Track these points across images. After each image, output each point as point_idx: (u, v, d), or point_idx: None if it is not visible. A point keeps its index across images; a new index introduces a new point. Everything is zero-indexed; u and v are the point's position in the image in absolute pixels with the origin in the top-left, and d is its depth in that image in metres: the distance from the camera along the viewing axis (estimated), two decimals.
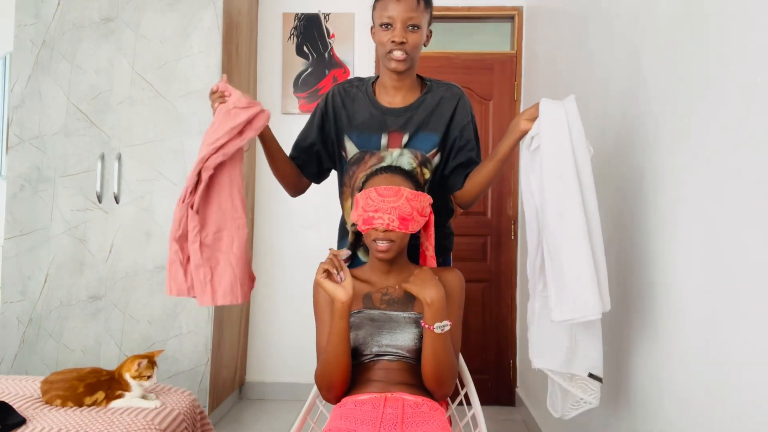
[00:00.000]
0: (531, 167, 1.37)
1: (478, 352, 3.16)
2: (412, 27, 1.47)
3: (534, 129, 1.35)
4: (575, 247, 1.27)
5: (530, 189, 1.38)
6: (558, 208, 1.30)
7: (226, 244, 1.37)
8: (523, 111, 1.43)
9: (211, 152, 1.34)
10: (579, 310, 1.26)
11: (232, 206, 1.38)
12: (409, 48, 1.48)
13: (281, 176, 1.64)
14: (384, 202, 1.34)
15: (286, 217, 3.22)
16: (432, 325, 1.27)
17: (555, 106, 1.33)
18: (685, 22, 1.28)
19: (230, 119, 1.35)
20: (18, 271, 2.58)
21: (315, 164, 1.69)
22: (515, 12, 3.24)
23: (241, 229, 1.39)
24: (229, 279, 1.36)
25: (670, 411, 1.29)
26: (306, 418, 1.51)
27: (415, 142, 1.56)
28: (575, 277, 1.26)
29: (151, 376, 1.69)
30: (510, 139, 1.42)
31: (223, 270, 1.36)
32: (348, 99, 1.62)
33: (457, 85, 1.63)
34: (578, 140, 1.31)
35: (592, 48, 1.95)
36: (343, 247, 1.69)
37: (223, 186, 1.38)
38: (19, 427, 1.47)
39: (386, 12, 1.47)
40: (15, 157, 2.60)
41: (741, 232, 1.04)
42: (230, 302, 1.37)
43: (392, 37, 1.47)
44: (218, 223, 1.37)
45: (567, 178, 1.29)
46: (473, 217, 3.22)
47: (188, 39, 2.57)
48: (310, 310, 1.48)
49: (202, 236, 1.36)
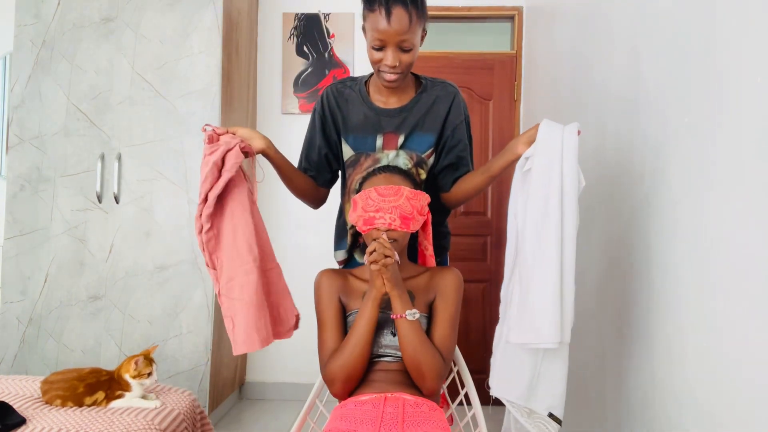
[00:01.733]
0: (520, 188, 1.37)
1: (478, 352, 3.16)
2: (405, 49, 1.40)
3: (529, 151, 1.34)
4: (545, 273, 1.27)
5: (515, 210, 1.38)
6: (536, 234, 1.29)
7: (237, 292, 1.35)
8: (523, 132, 1.42)
9: (200, 206, 1.34)
10: (536, 335, 1.26)
11: (237, 253, 1.35)
12: (402, 68, 1.43)
13: (299, 192, 1.61)
14: (385, 201, 1.34)
15: (286, 217, 3.22)
16: (403, 313, 1.29)
17: (553, 131, 1.31)
18: (685, 23, 1.28)
19: (204, 168, 1.34)
20: (18, 271, 2.58)
21: (327, 170, 1.65)
22: (515, 12, 3.24)
23: (249, 274, 1.35)
24: (244, 327, 1.34)
25: (671, 411, 1.29)
26: (306, 418, 1.51)
27: (410, 143, 1.55)
28: (538, 303, 1.27)
29: (151, 373, 1.69)
30: (504, 159, 1.42)
31: (240, 319, 1.35)
32: (342, 100, 1.59)
33: (452, 84, 1.60)
34: (569, 170, 1.29)
35: (592, 48, 1.95)
36: (341, 248, 1.68)
37: (227, 234, 1.36)
38: (19, 427, 1.47)
39: (377, 33, 1.38)
40: (15, 157, 2.59)
41: (741, 232, 1.04)
42: (249, 350, 1.35)
43: (384, 60, 1.41)
44: (229, 273, 1.36)
45: (549, 207, 1.28)
46: (473, 217, 3.22)
47: (188, 39, 2.57)
48: (310, 309, 1.48)
49: (219, 288, 1.37)
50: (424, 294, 1.41)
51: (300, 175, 1.60)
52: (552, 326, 1.25)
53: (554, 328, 1.25)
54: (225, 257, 1.35)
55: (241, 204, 1.37)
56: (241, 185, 1.38)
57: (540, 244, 1.28)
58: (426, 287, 1.42)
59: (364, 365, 1.33)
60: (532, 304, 1.28)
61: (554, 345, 1.26)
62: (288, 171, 1.53)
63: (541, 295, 1.27)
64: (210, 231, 1.34)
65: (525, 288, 1.30)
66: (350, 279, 1.46)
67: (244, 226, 1.37)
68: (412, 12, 1.36)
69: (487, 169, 1.47)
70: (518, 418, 1.38)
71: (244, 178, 1.40)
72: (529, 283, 1.29)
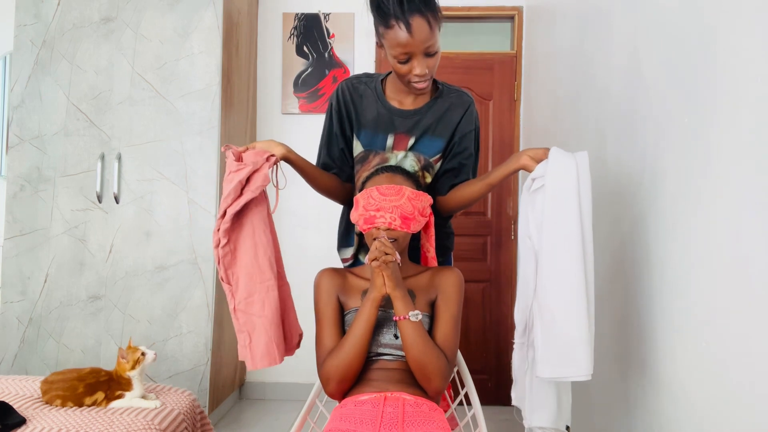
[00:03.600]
0: (531, 208, 1.33)
1: (478, 352, 3.16)
2: (430, 54, 1.39)
3: (537, 171, 1.31)
4: (571, 303, 1.23)
5: (528, 231, 1.34)
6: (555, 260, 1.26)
7: (258, 308, 1.36)
8: (527, 148, 1.39)
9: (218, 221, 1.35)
10: (569, 369, 1.22)
11: (259, 270, 1.36)
12: (431, 72, 1.42)
13: (325, 190, 1.60)
14: (386, 201, 1.34)
15: (287, 216, 3.22)
16: (406, 315, 1.28)
17: (566, 156, 1.29)
18: (684, 23, 1.28)
19: (227, 185, 1.34)
20: (18, 271, 2.58)
21: (348, 165, 1.63)
22: (515, 12, 3.24)
23: (270, 291, 1.37)
24: (265, 342, 1.36)
25: (669, 411, 1.29)
26: (306, 418, 1.51)
27: (420, 145, 1.55)
28: (573, 333, 1.22)
29: (144, 353, 1.68)
30: (506, 169, 1.41)
31: (259, 334, 1.36)
32: (356, 95, 1.58)
33: (469, 94, 1.60)
34: (585, 196, 1.27)
35: (592, 48, 1.95)
36: (346, 244, 1.67)
37: (248, 250, 1.36)
38: (19, 427, 1.47)
39: (401, 48, 1.36)
40: (15, 157, 2.60)
41: (741, 232, 1.04)
42: (269, 365, 1.37)
43: (414, 71, 1.39)
44: (248, 288, 1.36)
45: (569, 232, 1.25)
46: (473, 217, 3.22)
47: (188, 39, 2.57)
48: (310, 309, 1.48)
49: (236, 303, 1.37)
50: (425, 293, 1.41)
51: (323, 174, 1.59)
52: (588, 358, 1.21)
53: (588, 360, 1.22)
54: (243, 273, 1.36)
55: (263, 221, 1.39)
56: (261, 204, 1.39)
57: (560, 273, 1.25)
58: (427, 286, 1.42)
59: (359, 366, 1.32)
60: (565, 336, 1.23)
61: (589, 377, 1.22)
62: (311, 172, 1.53)
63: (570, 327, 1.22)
64: (227, 246, 1.35)
65: (549, 317, 1.25)
66: (349, 277, 1.46)
67: (266, 244, 1.38)
68: (429, 17, 1.35)
69: (486, 177, 1.47)
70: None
71: (265, 197, 1.42)
72: (552, 313, 1.24)
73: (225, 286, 1.37)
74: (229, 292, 1.38)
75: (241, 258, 1.37)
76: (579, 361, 1.21)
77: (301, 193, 3.20)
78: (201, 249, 2.53)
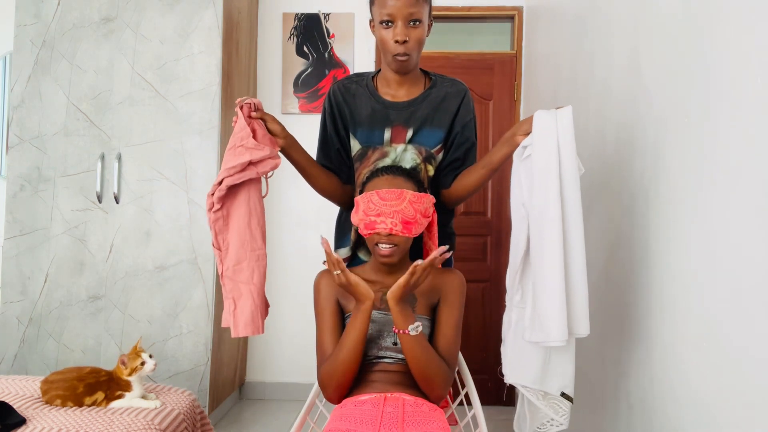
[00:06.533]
0: (522, 175, 1.36)
1: (478, 352, 3.16)
2: (414, 22, 1.43)
3: (527, 140, 1.35)
4: (549, 272, 1.26)
5: (522, 198, 1.35)
6: (539, 228, 1.29)
7: (247, 276, 1.36)
8: (519, 123, 1.41)
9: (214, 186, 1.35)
10: (546, 335, 1.27)
11: (251, 237, 1.37)
12: (412, 44, 1.45)
13: (323, 190, 1.61)
14: (386, 205, 1.32)
15: (287, 216, 3.22)
16: (405, 329, 1.27)
17: (548, 118, 1.31)
18: (685, 23, 1.28)
19: (234, 157, 1.34)
20: (18, 271, 2.58)
21: (346, 166, 1.64)
22: (515, 12, 3.24)
23: (261, 260, 1.38)
24: (250, 310, 1.36)
25: (670, 411, 1.29)
26: (306, 418, 1.51)
27: (420, 137, 1.54)
28: (546, 302, 1.27)
29: (144, 362, 1.67)
30: (503, 151, 1.42)
31: (245, 301, 1.36)
32: (348, 95, 1.59)
33: (462, 82, 1.61)
34: (567, 156, 1.28)
35: (592, 48, 1.95)
36: (342, 244, 1.67)
37: (242, 216, 1.37)
38: (19, 427, 1.47)
39: (386, 9, 1.42)
40: (15, 157, 2.60)
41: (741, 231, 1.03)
42: (251, 333, 1.37)
43: (394, 35, 1.43)
44: (238, 255, 1.37)
45: (549, 200, 1.27)
46: (473, 217, 3.22)
47: (188, 39, 2.57)
48: (310, 310, 1.48)
49: (224, 269, 1.37)
50: (426, 296, 1.40)
51: (321, 170, 1.61)
52: (559, 327, 1.26)
53: (561, 327, 1.26)
54: (235, 239, 1.37)
55: (258, 192, 1.42)
56: (258, 181, 1.43)
57: (542, 240, 1.28)
58: (428, 289, 1.41)
59: (354, 373, 1.32)
60: (542, 304, 1.28)
61: (562, 343, 1.27)
62: (309, 168, 1.55)
63: (548, 295, 1.26)
64: (219, 212, 1.37)
65: (537, 286, 1.30)
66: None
67: (260, 214, 1.41)
68: None
69: (487, 163, 1.47)
70: (533, 401, 1.39)
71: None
72: (536, 281, 1.29)
73: (216, 252, 1.39)
74: (218, 257, 1.39)
75: (235, 223, 1.38)
76: (551, 330, 1.26)
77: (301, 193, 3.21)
78: (201, 249, 2.53)
